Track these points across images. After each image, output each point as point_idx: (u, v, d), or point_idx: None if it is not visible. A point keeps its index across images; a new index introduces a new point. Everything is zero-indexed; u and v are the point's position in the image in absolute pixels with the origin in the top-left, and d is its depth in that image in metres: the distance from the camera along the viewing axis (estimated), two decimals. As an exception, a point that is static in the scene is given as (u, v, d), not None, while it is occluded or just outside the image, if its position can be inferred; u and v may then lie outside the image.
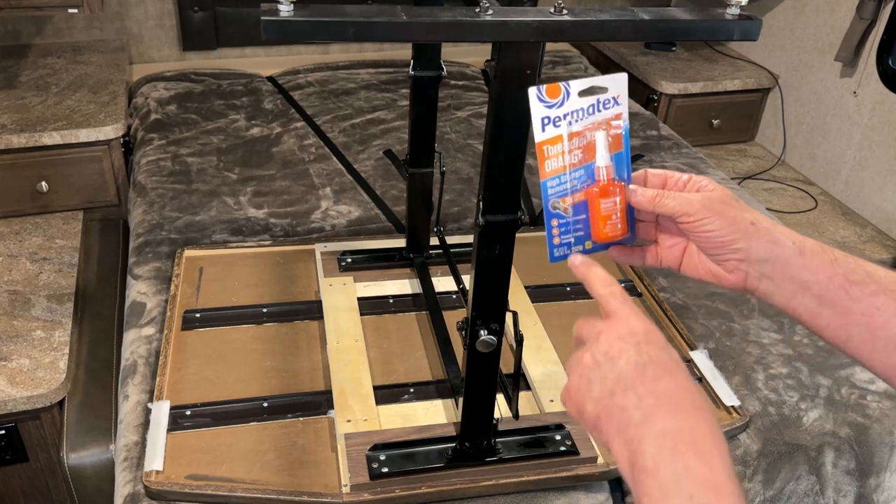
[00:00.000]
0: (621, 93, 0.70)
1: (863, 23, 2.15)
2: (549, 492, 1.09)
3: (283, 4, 0.74)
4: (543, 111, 0.69)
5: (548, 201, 0.71)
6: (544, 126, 0.69)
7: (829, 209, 2.28)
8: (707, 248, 0.69)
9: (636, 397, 0.56)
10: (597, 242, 0.72)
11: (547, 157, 0.70)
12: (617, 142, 0.71)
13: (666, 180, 0.72)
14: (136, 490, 1.05)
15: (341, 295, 1.39)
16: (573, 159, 0.70)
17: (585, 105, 0.69)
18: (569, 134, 0.70)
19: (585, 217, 0.71)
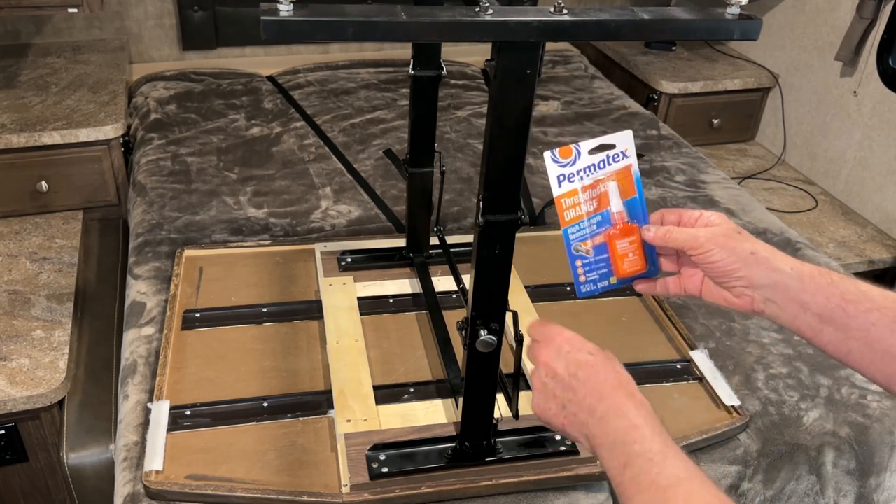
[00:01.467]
0: (629, 147, 0.80)
1: (863, 22, 2.15)
2: (549, 492, 1.09)
3: (283, 4, 0.74)
4: (558, 170, 0.80)
5: (570, 245, 0.81)
6: (560, 182, 0.80)
7: (829, 209, 2.28)
8: (715, 276, 0.79)
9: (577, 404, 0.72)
10: (619, 278, 0.83)
11: (565, 207, 0.80)
12: (629, 189, 0.81)
13: (681, 217, 0.81)
14: (136, 490, 1.05)
15: (341, 295, 1.39)
16: (589, 208, 0.81)
17: (596, 161, 0.80)
18: (582, 187, 0.81)
19: (607, 256, 0.82)
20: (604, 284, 0.83)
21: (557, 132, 2.16)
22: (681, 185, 1.92)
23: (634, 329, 1.39)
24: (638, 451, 0.65)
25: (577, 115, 2.27)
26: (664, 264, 0.84)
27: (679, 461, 0.64)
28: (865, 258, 2.04)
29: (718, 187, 1.92)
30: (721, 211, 1.80)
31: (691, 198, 1.85)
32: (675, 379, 1.28)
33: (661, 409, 1.22)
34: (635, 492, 0.63)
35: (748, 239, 0.78)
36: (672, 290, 0.84)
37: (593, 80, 2.56)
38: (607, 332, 1.38)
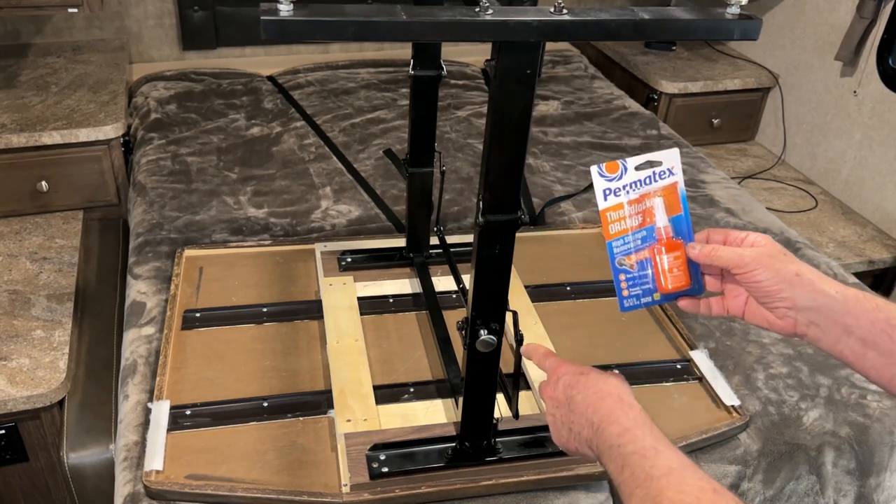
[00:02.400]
0: (675, 164, 0.81)
1: (863, 22, 2.15)
2: (549, 492, 1.09)
3: (283, 4, 0.74)
4: (604, 184, 0.81)
5: (614, 259, 0.82)
6: (606, 196, 0.81)
7: (829, 208, 2.28)
8: (758, 296, 0.79)
9: (578, 422, 0.78)
10: (663, 293, 0.83)
11: (610, 221, 0.81)
12: (675, 206, 0.82)
13: (727, 236, 0.81)
14: (136, 490, 1.05)
15: (341, 294, 1.39)
16: (634, 222, 0.82)
17: (642, 177, 0.81)
18: (628, 201, 0.81)
19: (650, 272, 0.83)
20: (647, 300, 0.83)
21: (557, 132, 2.16)
22: (681, 184, 1.92)
23: (634, 329, 1.39)
24: (632, 451, 0.69)
25: (577, 115, 2.27)
26: (708, 284, 0.84)
27: (671, 453, 0.67)
28: (865, 258, 2.04)
29: (718, 187, 1.92)
30: (721, 211, 1.80)
31: (691, 198, 1.85)
32: (675, 379, 1.28)
33: (661, 409, 1.22)
34: (634, 487, 0.66)
35: (793, 261, 0.78)
36: (715, 310, 0.84)
37: (593, 80, 2.56)
38: (607, 332, 1.38)
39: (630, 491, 0.66)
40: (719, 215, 1.78)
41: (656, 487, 0.64)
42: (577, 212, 1.76)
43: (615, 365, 1.29)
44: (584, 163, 2.00)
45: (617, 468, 0.70)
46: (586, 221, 1.72)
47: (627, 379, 1.25)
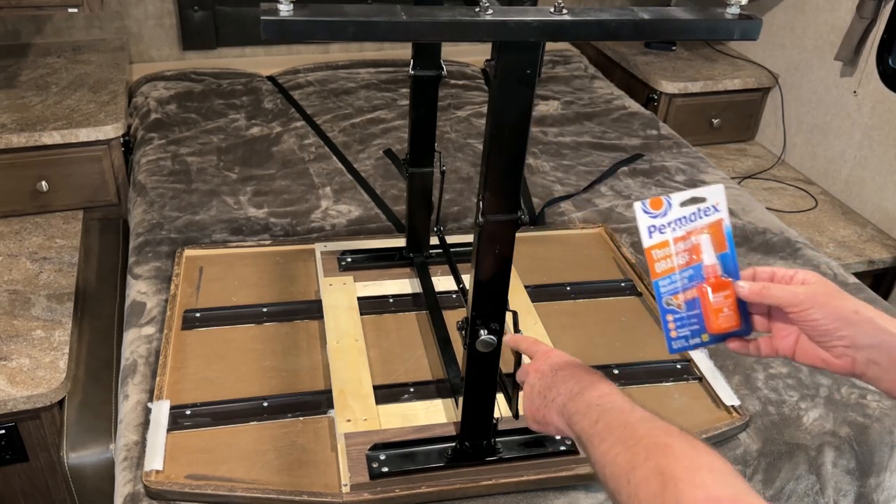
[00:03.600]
0: (720, 201, 0.79)
1: (863, 22, 2.15)
2: (549, 491, 1.09)
3: (283, 4, 0.74)
4: (649, 221, 0.78)
5: (661, 298, 0.79)
6: (651, 233, 0.78)
7: (829, 208, 2.28)
8: (814, 335, 0.76)
9: (558, 391, 0.82)
10: (712, 334, 0.79)
11: (656, 259, 0.79)
12: (721, 243, 0.79)
13: (774, 275, 0.79)
14: (136, 490, 1.05)
15: (341, 294, 1.39)
16: (680, 260, 0.79)
17: (687, 213, 0.78)
18: (674, 238, 0.79)
19: (699, 312, 0.79)
20: (696, 341, 0.80)
21: (557, 132, 2.16)
22: (681, 184, 1.92)
23: (634, 329, 1.39)
24: (609, 407, 0.72)
25: (577, 115, 2.27)
26: (755, 323, 0.81)
27: (646, 411, 0.70)
28: (865, 258, 2.04)
29: (718, 187, 1.92)
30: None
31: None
32: (674, 379, 1.28)
33: (661, 409, 1.21)
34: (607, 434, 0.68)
35: (849, 298, 0.76)
36: (764, 351, 0.81)
37: (593, 80, 2.56)
38: (607, 332, 1.38)
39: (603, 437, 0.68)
40: (719, 215, 1.78)
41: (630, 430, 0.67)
42: (577, 212, 1.76)
43: (615, 365, 1.29)
44: (584, 163, 2.00)
45: (591, 422, 0.72)
46: (586, 221, 1.72)
47: (627, 379, 1.27)
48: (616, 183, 1.91)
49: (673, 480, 0.58)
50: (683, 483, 0.58)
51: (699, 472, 0.58)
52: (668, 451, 0.62)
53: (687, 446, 0.62)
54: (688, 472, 0.59)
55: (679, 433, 0.65)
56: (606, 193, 1.85)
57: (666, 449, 0.62)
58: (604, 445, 0.68)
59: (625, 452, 0.64)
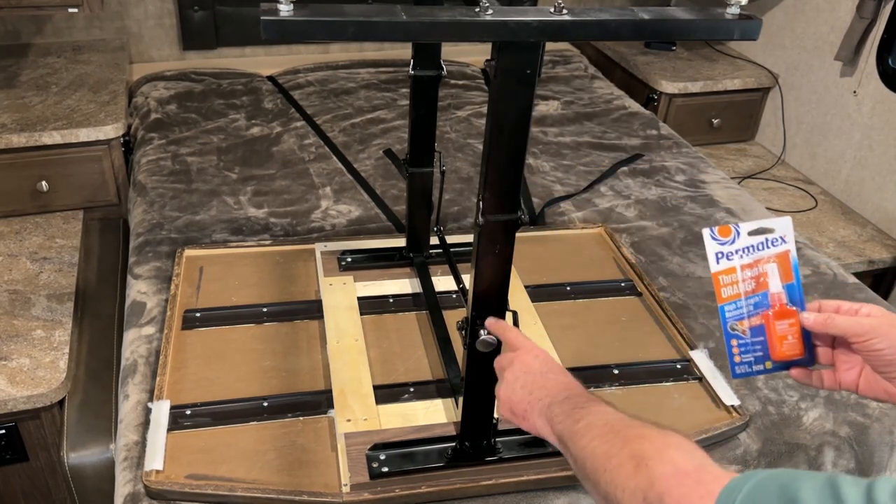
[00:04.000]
0: (787, 233, 0.81)
1: (863, 22, 2.15)
2: (549, 491, 1.09)
3: (283, 4, 0.74)
4: (717, 247, 0.81)
5: (726, 323, 0.82)
6: (718, 259, 0.81)
7: (829, 208, 2.28)
8: (878, 366, 0.77)
9: (545, 391, 0.84)
10: (776, 361, 0.81)
11: (722, 285, 0.81)
12: (788, 274, 0.81)
13: (839, 307, 0.79)
14: (137, 489, 1.05)
15: (341, 294, 1.39)
16: (747, 287, 0.81)
17: (755, 242, 0.81)
18: (741, 266, 0.81)
19: (763, 339, 0.81)
20: (759, 368, 0.82)
21: (557, 132, 2.16)
22: (681, 184, 1.92)
23: (634, 329, 1.39)
24: (593, 410, 0.75)
25: (577, 115, 2.27)
26: (818, 355, 0.82)
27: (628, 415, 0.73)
28: (865, 258, 2.04)
29: (718, 187, 1.92)
30: (721, 211, 1.80)
31: (691, 198, 1.85)
32: (674, 378, 1.28)
33: (661, 409, 1.22)
34: (586, 432, 0.72)
35: None
36: (827, 383, 0.81)
37: (593, 80, 2.56)
38: (607, 332, 1.38)
39: (583, 434, 0.72)
40: (719, 215, 1.78)
41: (610, 425, 0.70)
42: (577, 212, 1.76)
43: (615, 365, 1.29)
44: (584, 163, 2.00)
45: (573, 422, 0.75)
46: (586, 221, 1.72)
47: (627, 379, 1.27)
48: (616, 183, 1.91)
49: (644, 461, 0.63)
50: (654, 461, 0.62)
51: (668, 449, 0.63)
52: (641, 437, 0.66)
53: (658, 432, 0.66)
54: (657, 451, 0.63)
55: (654, 426, 0.68)
56: (606, 193, 1.85)
57: (639, 436, 0.66)
58: (583, 441, 0.71)
59: (603, 445, 0.68)
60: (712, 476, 0.59)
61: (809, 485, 0.52)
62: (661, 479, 0.60)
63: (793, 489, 0.53)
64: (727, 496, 0.56)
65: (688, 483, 0.59)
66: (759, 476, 0.56)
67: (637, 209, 1.79)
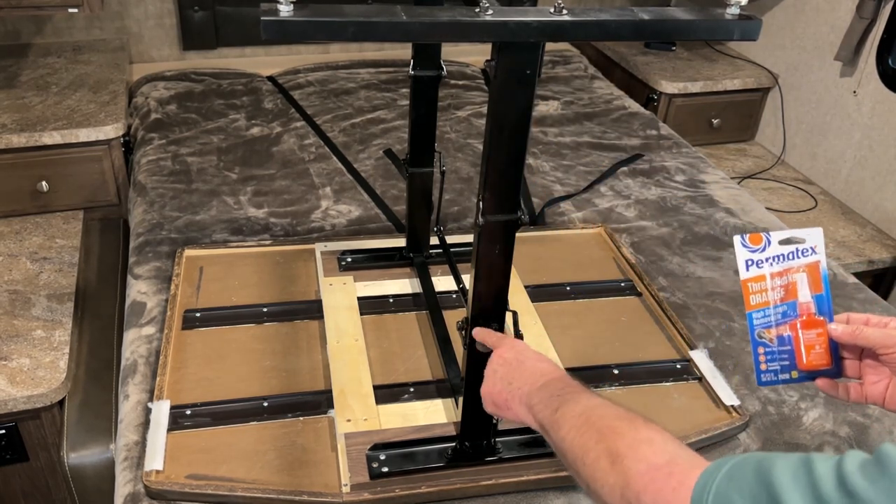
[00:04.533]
0: (818, 244, 0.81)
1: (863, 22, 2.15)
2: (549, 491, 1.09)
3: (283, 4, 0.75)
4: (747, 254, 0.81)
5: (754, 330, 0.82)
6: (748, 266, 0.82)
7: (828, 209, 2.28)
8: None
9: (522, 380, 0.86)
10: (802, 371, 0.81)
11: (751, 292, 0.81)
12: (817, 285, 0.81)
13: (868, 320, 0.79)
14: (137, 490, 1.05)
15: (341, 294, 1.39)
16: (776, 296, 0.81)
17: (786, 251, 0.81)
18: (771, 274, 0.81)
19: (790, 349, 0.81)
20: (785, 377, 0.82)
21: (557, 132, 2.16)
22: (680, 184, 1.92)
23: (634, 329, 1.39)
24: (569, 398, 0.77)
25: (577, 115, 2.27)
26: (846, 368, 0.82)
27: (603, 399, 0.75)
28: (865, 258, 2.04)
29: (718, 187, 1.92)
30: (721, 211, 1.80)
31: (691, 198, 1.85)
32: (674, 379, 1.28)
33: (661, 409, 1.22)
34: (563, 422, 0.74)
35: None
36: (853, 395, 0.81)
37: (593, 80, 2.56)
38: (607, 332, 1.38)
39: (560, 425, 0.74)
40: (719, 215, 1.78)
41: (585, 416, 0.72)
42: (577, 212, 1.76)
43: (615, 365, 1.29)
44: (584, 163, 2.00)
45: (551, 411, 0.77)
46: (586, 221, 1.72)
47: (627, 379, 1.27)
48: (616, 183, 1.91)
49: (619, 457, 0.65)
50: (628, 459, 0.64)
51: (640, 446, 0.65)
52: (614, 431, 0.68)
53: (629, 425, 0.68)
54: (631, 448, 0.65)
55: (626, 414, 0.70)
56: (606, 193, 1.85)
57: (612, 430, 0.68)
58: (561, 432, 0.74)
59: (579, 438, 0.71)
60: (683, 467, 0.61)
61: (783, 463, 0.54)
62: (635, 477, 0.62)
63: (767, 468, 0.54)
64: (703, 482, 0.57)
65: (660, 477, 0.61)
66: (733, 460, 0.57)
67: (637, 209, 1.79)
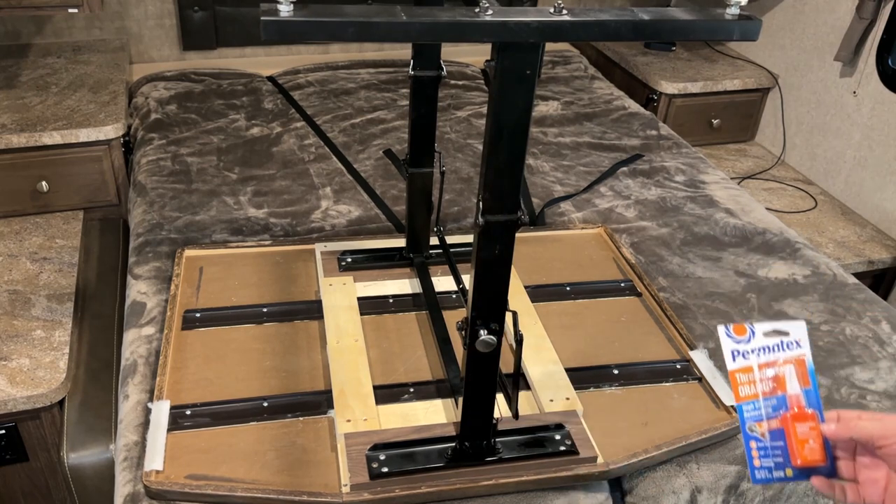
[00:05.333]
0: (802, 337, 0.81)
1: (862, 22, 2.15)
2: (548, 492, 1.09)
3: (283, 4, 0.75)
4: (732, 345, 0.80)
5: (745, 424, 0.80)
6: (734, 357, 0.80)
7: (828, 209, 2.28)
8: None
9: None
10: (796, 468, 0.79)
11: (740, 383, 0.80)
12: (805, 379, 0.80)
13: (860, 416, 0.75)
14: (137, 490, 1.05)
15: (341, 294, 1.39)
16: (765, 388, 0.80)
17: (771, 343, 0.80)
18: (758, 365, 0.80)
19: (783, 444, 0.79)
20: (779, 475, 0.79)
21: (557, 132, 2.16)
22: (680, 185, 1.92)
23: (634, 329, 1.39)
24: None
25: (577, 116, 2.27)
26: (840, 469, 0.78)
27: None
28: (865, 258, 2.04)
29: (718, 187, 1.92)
30: (721, 211, 1.80)
31: (691, 198, 1.85)
32: (674, 379, 1.28)
33: (661, 409, 1.22)
34: None
35: None
36: (850, 497, 0.77)
37: (593, 80, 2.56)
38: (607, 332, 1.38)
39: None
40: (719, 215, 1.78)
41: None
42: (577, 212, 1.76)
43: (615, 365, 1.30)
44: (584, 163, 2.00)
45: None
46: (586, 221, 1.72)
47: (627, 379, 1.27)
48: (616, 183, 1.91)
49: None
50: None
51: None
52: None
53: None
54: None
55: None
56: (606, 194, 1.85)
57: None
58: None
59: None
60: None
61: None
62: None
63: None
64: None
65: None
66: None
67: (637, 209, 1.79)
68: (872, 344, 1.41)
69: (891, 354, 1.38)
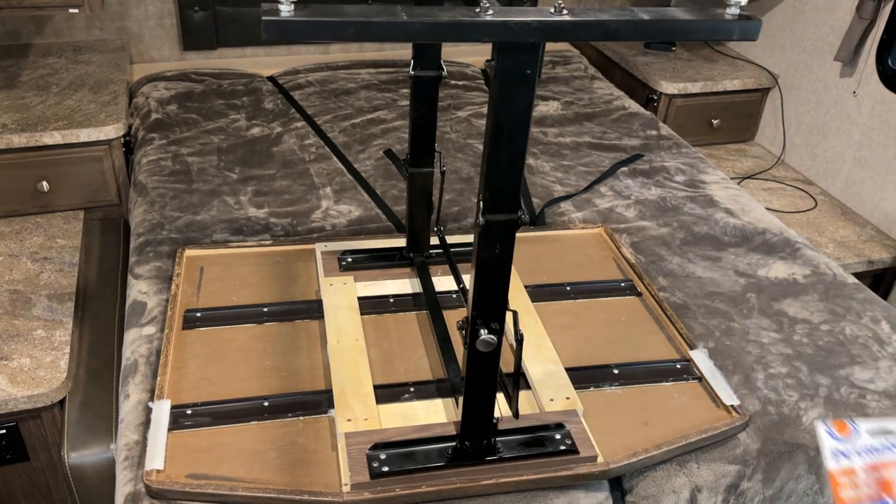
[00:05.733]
0: None
1: (862, 22, 2.15)
2: (549, 491, 1.09)
3: (284, 4, 0.75)
4: (834, 444, 0.76)
5: None
6: (836, 457, 0.76)
7: (828, 209, 2.28)
8: None
9: None
10: None
11: (841, 485, 0.76)
12: None
13: None
14: (137, 489, 1.05)
15: (341, 294, 1.39)
16: (870, 491, 0.76)
17: (877, 444, 0.76)
18: (863, 467, 0.76)
19: None
20: None
21: (557, 132, 2.17)
22: (680, 185, 1.92)
23: (634, 329, 1.39)
24: None
25: (577, 116, 2.27)
26: None
27: None
28: (865, 258, 2.05)
29: (718, 187, 1.92)
30: (721, 211, 1.81)
31: (691, 198, 1.86)
32: (674, 378, 1.28)
33: (661, 409, 1.22)
34: None
35: None
36: None
37: (593, 80, 2.56)
38: (607, 332, 1.38)
39: None
40: (719, 215, 1.79)
41: None
42: (577, 212, 1.76)
43: (615, 365, 1.30)
44: (584, 163, 2.00)
45: None
46: (586, 221, 1.72)
47: (627, 379, 1.27)
48: (616, 183, 1.91)
49: None
50: None
51: None
52: None
53: None
54: None
55: None
56: (606, 194, 1.85)
57: None
58: None
59: None
60: None
61: None
62: None
63: None
64: None
65: None
66: None
67: (637, 209, 1.79)
68: (872, 344, 1.41)
69: (890, 354, 1.39)
